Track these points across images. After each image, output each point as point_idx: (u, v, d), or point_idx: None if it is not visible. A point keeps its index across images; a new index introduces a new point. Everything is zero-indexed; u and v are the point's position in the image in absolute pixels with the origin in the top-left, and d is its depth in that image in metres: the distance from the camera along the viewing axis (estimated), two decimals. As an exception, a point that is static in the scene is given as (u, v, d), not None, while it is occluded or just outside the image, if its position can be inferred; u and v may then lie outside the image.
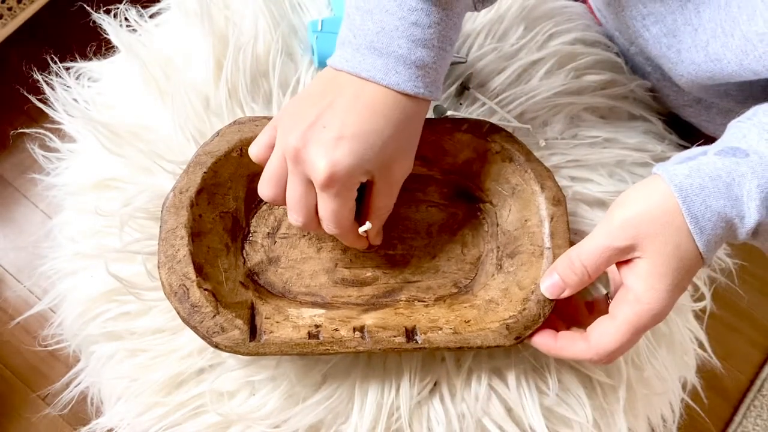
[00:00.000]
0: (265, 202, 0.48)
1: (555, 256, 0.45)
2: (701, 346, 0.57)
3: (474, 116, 0.53)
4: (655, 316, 0.37)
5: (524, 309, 0.44)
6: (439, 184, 0.50)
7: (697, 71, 0.46)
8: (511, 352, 0.49)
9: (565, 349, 0.41)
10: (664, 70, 0.52)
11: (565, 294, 0.42)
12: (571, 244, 0.45)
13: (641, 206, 0.37)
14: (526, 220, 0.47)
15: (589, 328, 0.40)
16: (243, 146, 0.45)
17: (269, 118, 0.45)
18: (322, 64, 0.51)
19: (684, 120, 0.59)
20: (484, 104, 0.53)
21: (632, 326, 0.37)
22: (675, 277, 0.37)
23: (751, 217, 0.36)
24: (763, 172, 0.36)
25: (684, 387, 0.57)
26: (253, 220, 0.48)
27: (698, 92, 0.51)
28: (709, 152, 0.38)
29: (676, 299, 0.38)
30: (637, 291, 0.37)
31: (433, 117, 0.51)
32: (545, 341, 0.43)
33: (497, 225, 0.49)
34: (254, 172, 0.46)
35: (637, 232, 0.37)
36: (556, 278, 0.41)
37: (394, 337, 0.43)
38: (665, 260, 0.36)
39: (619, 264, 0.39)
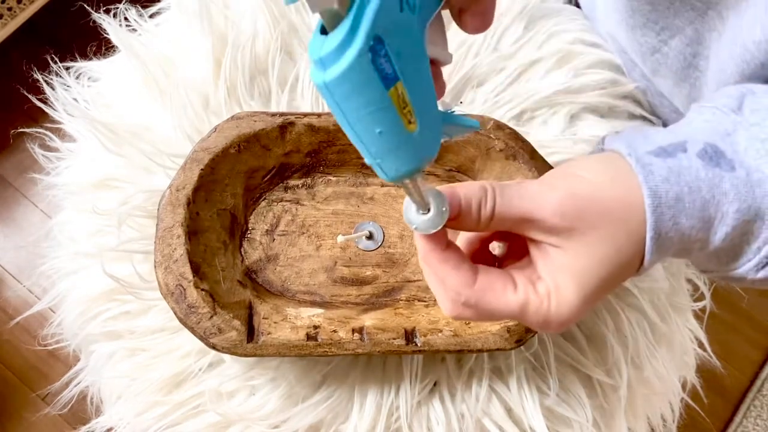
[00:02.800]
0: (264, 199, 0.48)
1: None
2: (701, 345, 0.57)
3: (477, 113, 0.52)
4: (554, 323, 0.30)
5: None
6: (440, 180, 0.50)
7: (713, 80, 0.44)
8: (512, 352, 0.49)
9: (442, 275, 0.30)
10: (675, 89, 0.50)
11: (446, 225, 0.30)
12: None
13: (600, 191, 0.30)
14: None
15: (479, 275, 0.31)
16: (241, 142, 0.44)
17: (267, 113, 0.45)
18: None
19: None
20: (485, 101, 0.53)
21: (519, 314, 0.30)
22: (596, 286, 0.29)
23: (712, 244, 0.31)
24: (746, 194, 0.30)
25: (684, 387, 0.57)
26: (252, 217, 0.48)
27: None
28: (690, 150, 0.31)
29: (579, 318, 0.30)
30: (549, 285, 0.30)
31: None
32: (431, 248, 0.30)
33: None
34: (252, 168, 0.46)
35: (581, 220, 0.29)
36: (456, 200, 0.30)
37: (393, 339, 0.43)
38: (596, 263, 0.29)
39: (528, 239, 0.31)
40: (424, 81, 0.24)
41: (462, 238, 0.36)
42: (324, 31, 0.21)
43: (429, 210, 0.29)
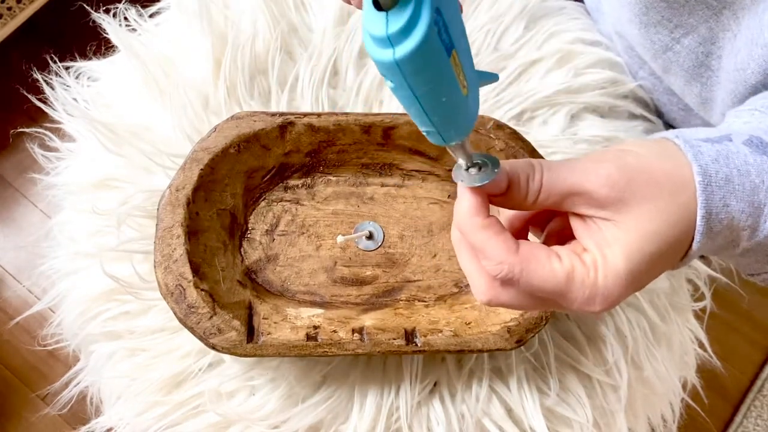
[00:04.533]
0: (263, 199, 0.48)
1: None
2: (701, 345, 0.57)
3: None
4: (599, 298, 0.28)
5: (526, 312, 0.44)
6: (441, 180, 0.50)
7: (728, 80, 0.44)
8: (512, 352, 0.49)
9: (483, 243, 0.28)
10: (687, 87, 0.50)
11: (488, 201, 0.29)
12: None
13: (649, 163, 0.28)
14: None
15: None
16: (240, 142, 0.44)
17: (267, 113, 0.45)
18: None
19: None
20: (486, 101, 0.53)
21: (565, 286, 0.28)
22: (645, 263, 0.28)
23: (762, 233, 0.29)
24: None
25: (684, 387, 0.57)
26: (251, 217, 0.48)
27: (725, 110, 0.46)
28: (735, 139, 0.30)
29: (624, 298, 0.29)
30: (596, 256, 0.28)
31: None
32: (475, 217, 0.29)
33: None
34: (252, 168, 0.46)
35: (631, 191, 0.28)
36: (505, 172, 0.29)
37: (393, 339, 0.43)
38: (646, 236, 0.28)
39: (573, 216, 0.30)
40: (465, 44, 0.25)
41: (502, 220, 0.35)
42: (378, 6, 0.21)
43: (479, 168, 0.28)
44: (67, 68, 0.55)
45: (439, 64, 0.22)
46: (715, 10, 0.42)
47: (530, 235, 0.36)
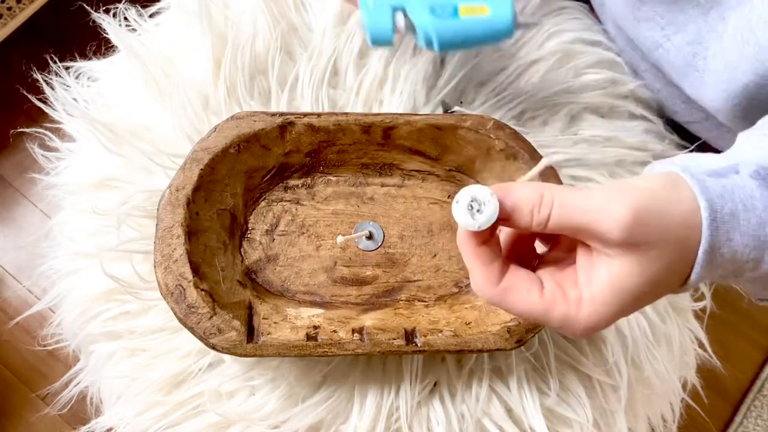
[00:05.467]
0: (263, 199, 0.48)
1: None
2: (701, 345, 0.57)
3: (477, 113, 0.53)
4: (579, 329, 0.30)
5: None
6: (440, 180, 0.50)
7: (717, 81, 0.44)
8: (512, 352, 0.49)
9: (471, 267, 0.31)
10: (677, 84, 0.51)
11: (493, 224, 0.30)
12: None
13: (666, 208, 0.29)
14: None
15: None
16: (240, 142, 0.44)
17: (267, 113, 0.45)
18: (375, 42, 0.45)
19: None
20: (486, 101, 0.53)
21: (541, 317, 0.30)
22: (635, 301, 0.30)
23: (765, 264, 0.30)
24: None
25: (684, 387, 0.57)
26: (251, 217, 0.48)
27: (718, 108, 0.47)
28: (742, 172, 0.31)
29: (610, 324, 0.31)
30: (582, 293, 0.30)
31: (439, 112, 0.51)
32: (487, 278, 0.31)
33: None
34: (252, 168, 0.46)
35: (644, 234, 0.28)
36: (509, 203, 0.30)
37: (393, 339, 0.43)
38: (642, 279, 0.29)
39: (581, 244, 0.31)
40: None
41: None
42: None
43: (479, 210, 0.29)
44: (67, 68, 0.55)
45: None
46: (704, 9, 0.43)
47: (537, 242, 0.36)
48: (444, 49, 0.44)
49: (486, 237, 0.31)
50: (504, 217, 0.30)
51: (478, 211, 0.29)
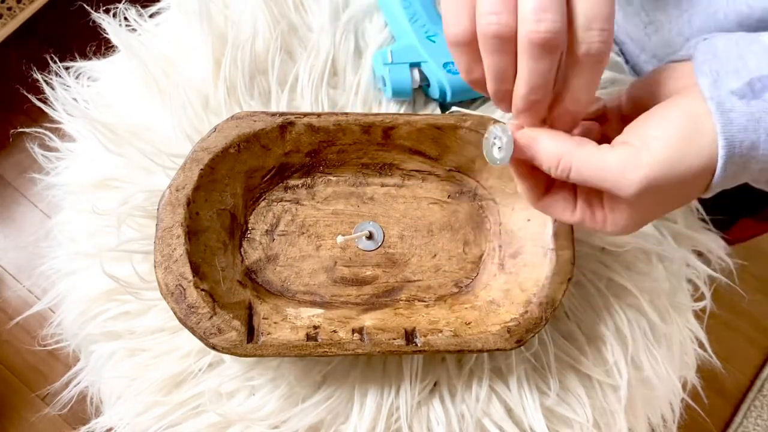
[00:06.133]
0: (263, 199, 0.48)
1: (558, 258, 0.44)
2: (701, 345, 0.57)
3: (477, 113, 0.52)
4: (607, 235, 0.33)
5: (526, 312, 0.44)
6: (440, 180, 0.50)
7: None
8: (512, 352, 0.49)
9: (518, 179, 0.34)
10: None
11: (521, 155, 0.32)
12: (575, 245, 0.45)
13: (684, 170, 0.29)
14: (529, 220, 0.47)
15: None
16: (240, 142, 0.44)
17: (267, 113, 0.45)
18: (396, 94, 0.51)
19: None
20: (486, 101, 0.53)
21: (577, 226, 0.35)
22: (651, 217, 0.33)
23: None
24: None
25: (684, 387, 0.57)
26: (251, 217, 0.48)
27: None
28: None
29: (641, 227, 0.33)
30: (606, 214, 0.33)
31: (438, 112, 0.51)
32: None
33: (500, 224, 0.49)
34: (252, 168, 0.46)
35: (662, 196, 0.31)
36: (529, 154, 0.32)
37: (393, 339, 0.43)
38: (659, 208, 0.32)
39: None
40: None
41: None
42: None
43: (500, 147, 0.32)
44: (67, 68, 0.55)
45: None
46: (680, 11, 0.43)
47: None
48: (455, 100, 0.49)
49: (528, 164, 0.33)
50: (523, 171, 0.33)
51: (499, 148, 0.32)
